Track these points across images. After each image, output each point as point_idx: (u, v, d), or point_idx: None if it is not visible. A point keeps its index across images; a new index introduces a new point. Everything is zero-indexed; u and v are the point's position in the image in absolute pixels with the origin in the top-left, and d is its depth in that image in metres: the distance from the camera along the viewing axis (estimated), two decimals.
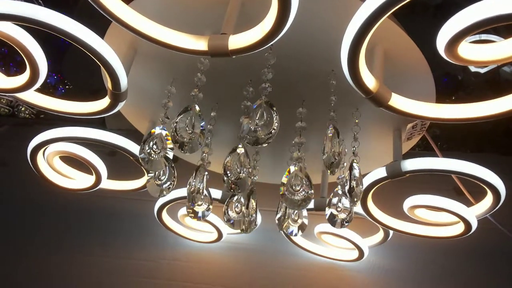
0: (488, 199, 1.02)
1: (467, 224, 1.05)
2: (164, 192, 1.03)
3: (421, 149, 1.55)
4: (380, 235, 1.26)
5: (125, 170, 1.25)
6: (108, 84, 0.88)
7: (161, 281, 1.40)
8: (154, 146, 0.96)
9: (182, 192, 1.21)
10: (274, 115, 0.85)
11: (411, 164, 0.96)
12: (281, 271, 1.39)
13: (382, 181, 1.01)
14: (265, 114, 0.84)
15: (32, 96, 0.97)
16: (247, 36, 0.74)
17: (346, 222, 0.99)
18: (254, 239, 1.42)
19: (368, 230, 1.29)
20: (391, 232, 1.22)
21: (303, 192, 0.92)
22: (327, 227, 1.26)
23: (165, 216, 1.35)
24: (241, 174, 0.91)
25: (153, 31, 0.76)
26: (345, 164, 0.98)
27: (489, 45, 0.69)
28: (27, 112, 1.83)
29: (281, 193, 0.93)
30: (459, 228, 1.09)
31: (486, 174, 0.93)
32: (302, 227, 1.03)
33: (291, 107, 0.96)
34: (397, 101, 0.81)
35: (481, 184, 0.95)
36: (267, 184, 1.28)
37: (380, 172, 1.00)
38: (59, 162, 1.21)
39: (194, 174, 1.00)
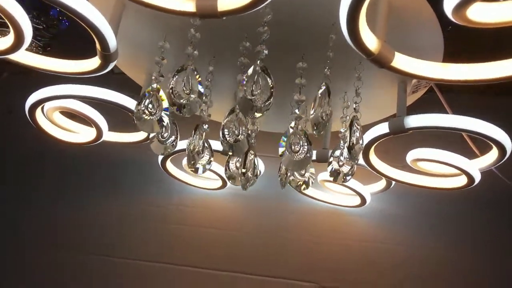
0: (494, 153, 1.00)
1: (470, 178, 1.04)
2: (169, 150, 1.03)
3: None
4: (382, 183, 1.26)
5: (130, 119, 1.23)
6: (97, 46, 0.84)
7: (171, 226, 1.45)
8: (150, 105, 0.94)
9: (184, 143, 1.20)
10: (269, 80, 0.81)
11: (414, 121, 0.93)
12: (285, 216, 1.42)
13: (384, 137, 0.98)
14: (260, 81, 0.80)
15: (20, 55, 0.94)
16: None
17: (347, 176, 0.99)
18: (258, 185, 1.42)
19: (372, 177, 1.29)
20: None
21: (303, 153, 0.91)
22: None
23: (169, 165, 1.36)
24: (239, 136, 0.90)
25: None
26: (347, 117, 0.96)
27: (504, 3, 0.62)
28: None
29: (280, 154, 0.93)
30: (463, 180, 1.07)
31: (494, 132, 0.90)
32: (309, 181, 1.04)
33: (292, 55, 0.91)
34: (400, 62, 0.76)
35: (488, 142, 0.92)
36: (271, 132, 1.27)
37: (382, 128, 0.98)
38: (59, 116, 1.20)
39: (193, 133, 0.99)
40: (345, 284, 1.32)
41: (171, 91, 0.85)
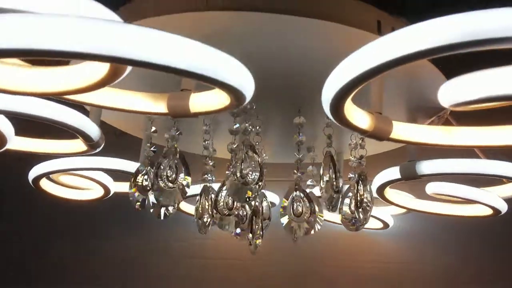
0: None
1: (496, 210, 0.97)
2: (170, 214, 1.01)
3: None
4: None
5: (136, 151, 1.20)
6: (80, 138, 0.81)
7: (196, 260, 1.46)
8: (145, 181, 0.92)
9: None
10: (256, 156, 0.77)
11: (427, 167, 0.85)
12: (307, 242, 1.38)
13: (395, 181, 0.92)
14: (248, 160, 0.76)
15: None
16: (210, 97, 0.62)
17: (360, 226, 0.95)
18: (276, 213, 1.41)
19: None
20: None
21: (306, 216, 0.88)
22: None
23: (185, 206, 1.34)
24: (232, 210, 0.87)
25: (104, 98, 0.66)
26: (355, 162, 0.90)
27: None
28: None
29: (281, 218, 0.91)
30: (488, 209, 1.00)
31: None
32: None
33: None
34: (400, 131, 0.68)
35: None
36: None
37: (394, 173, 0.91)
38: (67, 177, 1.19)
39: (199, 198, 0.96)
40: None
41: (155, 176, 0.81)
